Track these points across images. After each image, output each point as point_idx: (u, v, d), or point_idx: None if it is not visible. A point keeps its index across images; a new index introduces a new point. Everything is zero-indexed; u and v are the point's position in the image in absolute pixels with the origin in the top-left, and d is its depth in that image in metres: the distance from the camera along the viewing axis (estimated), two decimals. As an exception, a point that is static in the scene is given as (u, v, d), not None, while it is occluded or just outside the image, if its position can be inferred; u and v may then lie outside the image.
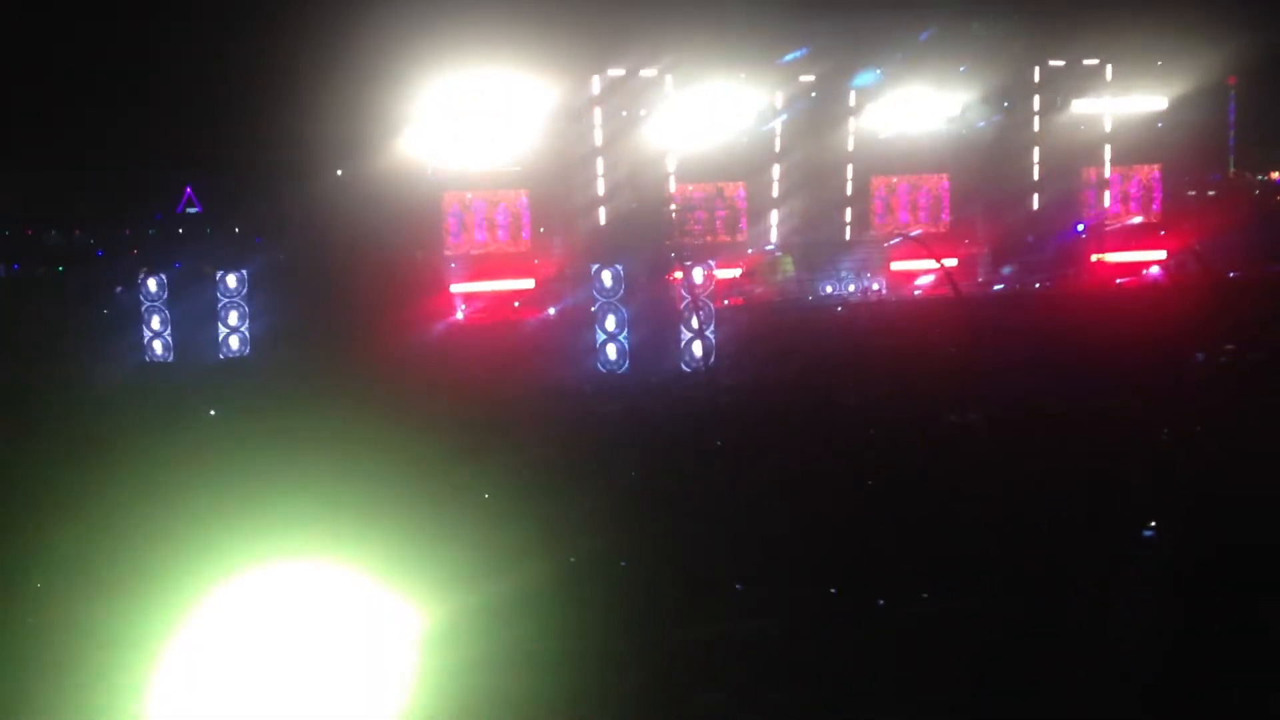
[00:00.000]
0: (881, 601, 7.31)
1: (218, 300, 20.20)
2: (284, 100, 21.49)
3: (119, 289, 21.30)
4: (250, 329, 20.30)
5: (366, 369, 15.84)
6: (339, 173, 24.35)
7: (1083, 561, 7.66)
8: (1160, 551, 8.10)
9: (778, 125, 27.11)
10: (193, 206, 24.73)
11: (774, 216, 27.45)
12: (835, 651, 6.68)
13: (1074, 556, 7.74)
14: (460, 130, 24.90)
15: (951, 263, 25.36)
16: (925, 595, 7.36)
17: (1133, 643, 6.50)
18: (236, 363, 19.92)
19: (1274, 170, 38.03)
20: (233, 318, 20.26)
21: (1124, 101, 28.36)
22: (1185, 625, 6.67)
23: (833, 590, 7.48)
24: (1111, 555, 7.84)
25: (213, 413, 14.53)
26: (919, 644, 6.75)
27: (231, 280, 20.31)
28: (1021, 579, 7.38)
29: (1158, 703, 6.00)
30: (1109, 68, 28.01)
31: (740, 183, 27.36)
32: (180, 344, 20.04)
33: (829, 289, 25.96)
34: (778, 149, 27.29)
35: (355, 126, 22.64)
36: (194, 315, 20.15)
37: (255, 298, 20.38)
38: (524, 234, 25.89)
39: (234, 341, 20.30)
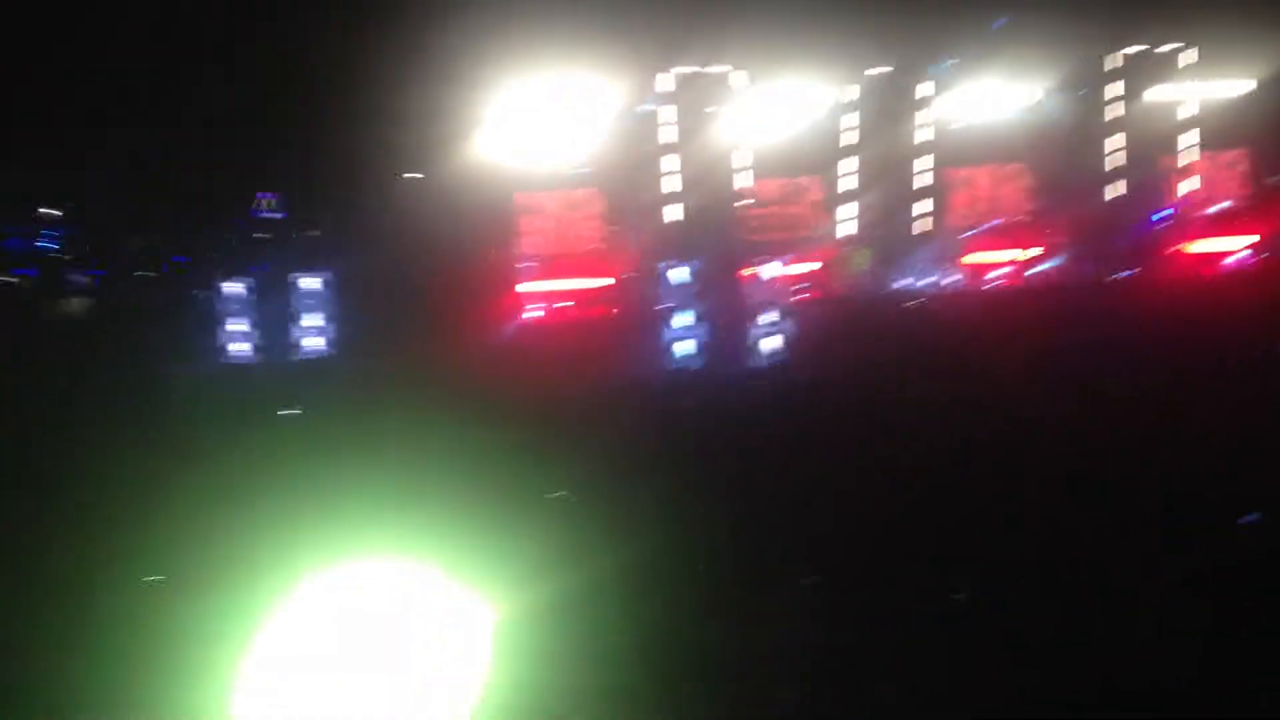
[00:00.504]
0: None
1: (299, 303, 20.57)
2: (359, 105, 21.77)
3: (202, 292, 21.75)
4: (330, 331, 20.65)
5: (443, 369, 16.04)
6: (418, 176, 24.62)
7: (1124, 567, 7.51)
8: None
9: (851, 118, 26.93)
10: (274, 210, 25.14)
11: (848, 210, 27.26)
12: (902, 653, 6.64)
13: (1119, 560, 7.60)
14: (531, 130, 25.08)
15: (1031, 254, 25.02)
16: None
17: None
18: (317, 363, 20.28)
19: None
20: (313, 320, 20.63)
21: (1207, 85, 27.72)
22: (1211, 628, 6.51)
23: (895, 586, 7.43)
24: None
25: (295, 411, 14.81)
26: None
27: (313, 283, 20.67)
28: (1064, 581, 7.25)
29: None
30: (1191, 51, 27.40)
31: (814, 177, 27.21)
32: (264, 346, 20.46)
33: (904, 283, 25.72)
34: (852, 142, 27.10)
35: (428, 129, 22.88)
36: (276, 318, 20.55)
37: (336, 300, 20.73)
38: (597, 232, 26.00)
39: (315, 342, 20.68)
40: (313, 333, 20.69)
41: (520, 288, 24.50)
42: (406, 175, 23.99)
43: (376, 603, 5.77)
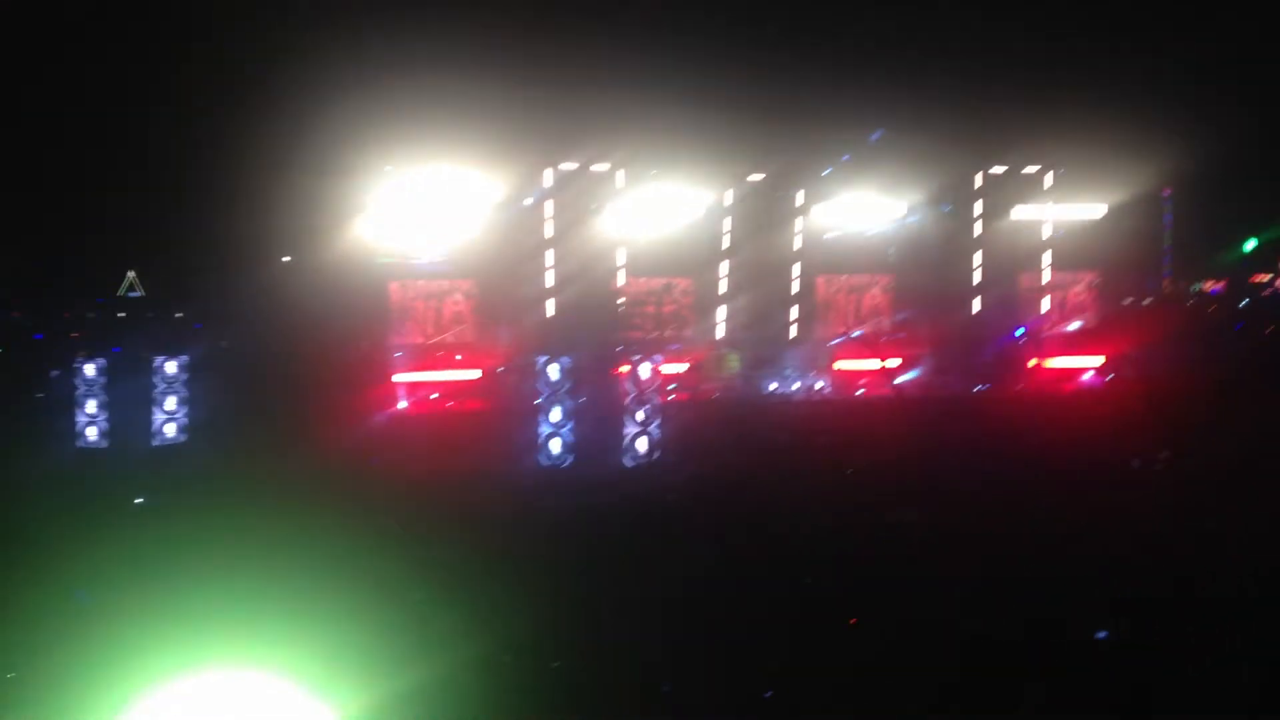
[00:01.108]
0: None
1: (156, 386, 19.91)
2: (231, 187, 21.46)
3: (56, 372, 20.92)
4: (188, 415, 20.00)
5: (305, 459, 15.65)
6: (285, 260, 24.27)
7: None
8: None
9: (727, 223, 27.47)
10: (135, 290, 24.48)
11: (721, 313, 27.68)
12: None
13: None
14: (409, 220, 25.02)
15: (894, 363, 25.62)
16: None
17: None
18: (172, 450, 19.59)
19: (1208, 281, 39.03)
20: (170, 403, 19.96)
21: (1064, 209, 29.02)
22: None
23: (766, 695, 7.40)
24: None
25: (139, 501, 14.23)
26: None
27: (171, 366, 20.05)
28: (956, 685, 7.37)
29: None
30: (1049, 175, 28.71)
31: (688, 278, 27.61)
32: (116, 430, 19.69)
33: (774, 386, 26.07)
34: (726, 246, 27.62)
35: (303, 215, 22.64)
36: (131, 400, 19.83)
37: (194, 384, 20.12)
38: (470, 324, 25.89)
39: (170, 428, 19.98)
40: (170, 418, 19.99)
41: (391, 378, 24.17)
42: (285, 259, 23.66)
43: (228, 708, 5.55)
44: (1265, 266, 41.86)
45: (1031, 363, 27.98)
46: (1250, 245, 36.24)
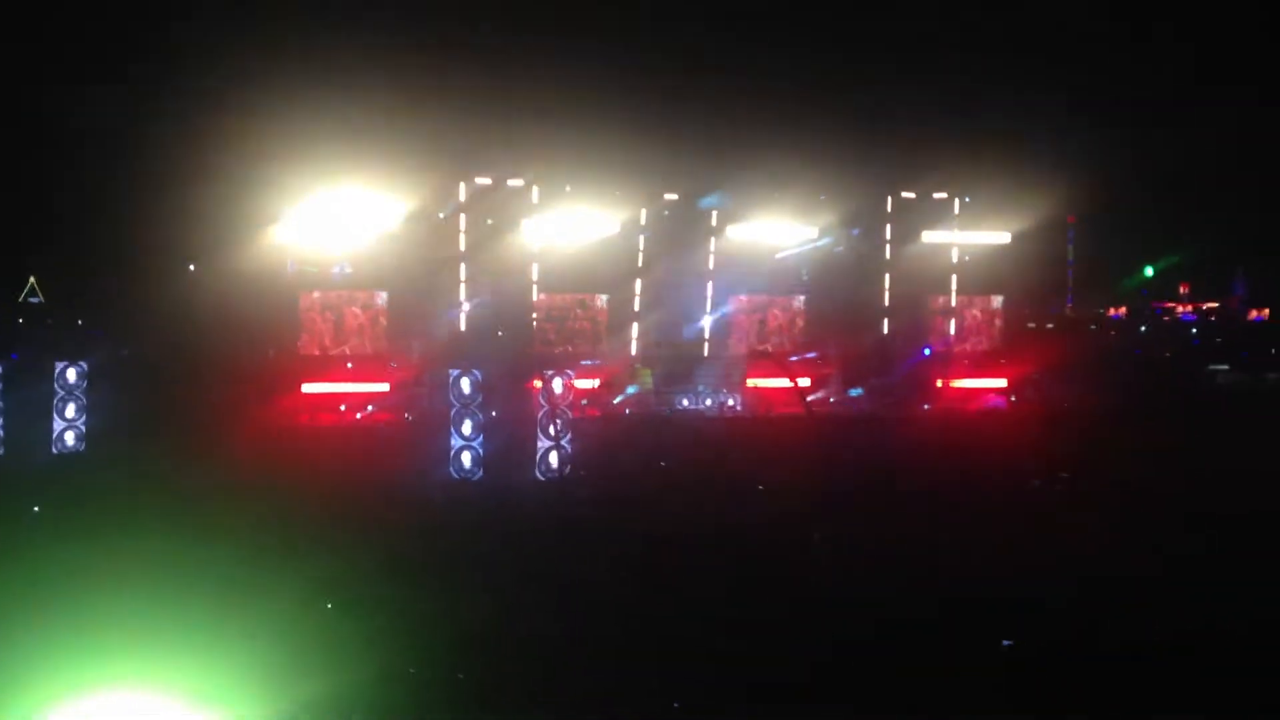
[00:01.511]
0: None
1: (55, 393, 19.36)
2: (138, 194, 21.08)
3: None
4: (87, 423, 19.46)
5: (208, 469, 15.36)
6: (191, 268, 23.86)
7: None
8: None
9: (641, 240, 27.61)
10: (34, 296, 23.87)
11: (634, 329, 27.79)
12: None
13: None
14: (320, 231, 24.76)
15: (804, 382, 25.90)
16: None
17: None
18: (71, 458, 19.05)
19: (1109, 306, 40.14)
20: (69, 411, 19.41)
21: (970, 235, 29.67)
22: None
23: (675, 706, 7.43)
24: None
25: (37, 510, 13.83)
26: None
27: (71, 373, 19.51)
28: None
29: None
30: (957, 202, 29.33)
31: (602, 294, 27.69)
32: (13, 437, 19.09)
33: (685, 402, 26.20)
34: (640, 263, 27.75)
35: (212, 223, 22.30)
36: (30, 408, 19.24)
37: (95, 391, 19.59)
38: (381, 336, 25.66)
39: (69, 437, 19.44)
40: (69, 425, 19.43)
41: (298, 388, 23.83)
42: (190, 267, 23.26)
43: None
44: (1165, 293, 43.26)
45: (938, 383, 28.50)
46: (1149, 272, 37.41)
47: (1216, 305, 44.33)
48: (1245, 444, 18.82)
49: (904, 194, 29.11)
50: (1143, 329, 40.79)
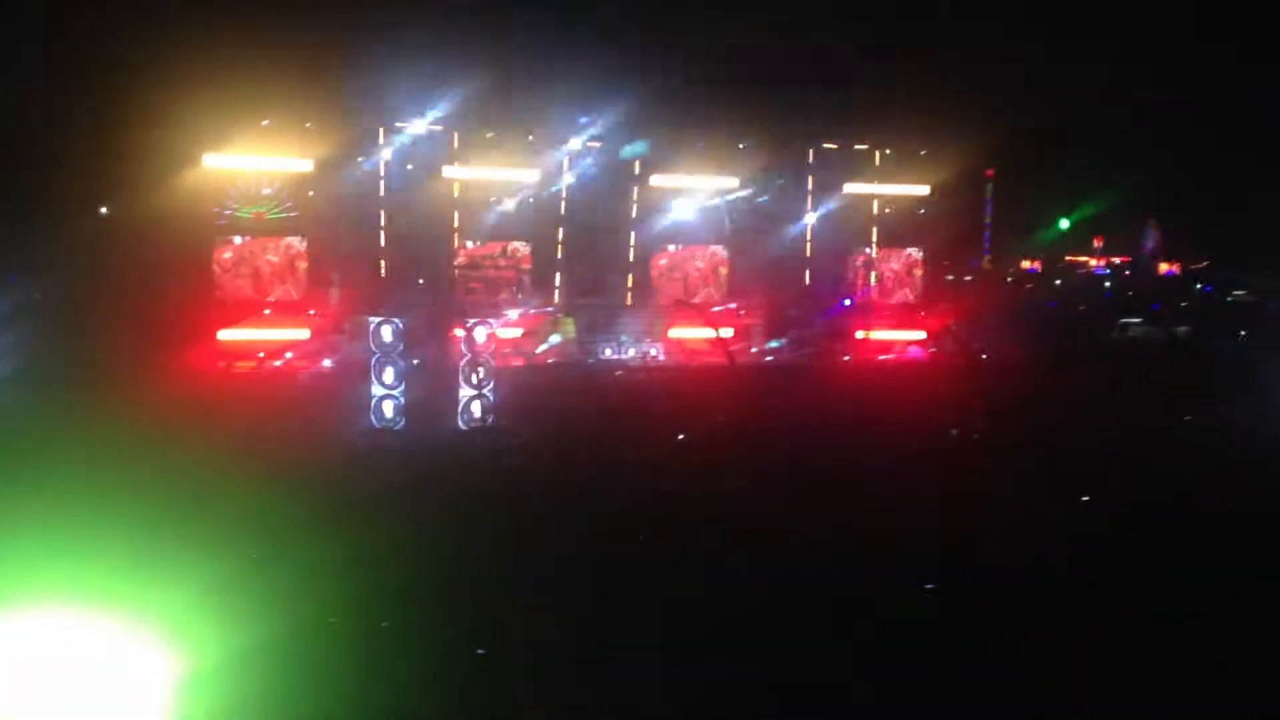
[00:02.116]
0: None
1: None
2: (51, 136, 20.50)
3: None
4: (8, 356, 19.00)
5: (120, 416, 15.11)
6: (103, 211, 23.30)
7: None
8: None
9: (563, 188, 27.48)
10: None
11: (557, 279, 27.72)
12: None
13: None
14: (237, 172, 24.31)
15: (727, 332, 26.10)
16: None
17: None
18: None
19: (1025, 259, 40.83)
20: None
21: (891, 187, 29.96)
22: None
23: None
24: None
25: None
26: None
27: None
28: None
29: None
30: (878, 154, 29.57)
31: (525, 243, 27.54)
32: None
33: (608, 352, 26.27)
34: (563, 212, 27.63)
35: (128, 166, 21.76)
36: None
37: (6, 337, 19.14)
38: (300, 282, 25.33)
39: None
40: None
41: (216, 334, 23.47)
42: (102, 211, 22.71)
43: (46, 657, 5.44)
44: (1079, 247, 44.11)
45: (858, 335, 28.87)
46: (1065, 225, 38.09)
47: (1129, 260, 45.32)
48: (1150, 396, 19.39)
49: (825, 145, 29.27)
50: (1057, 283, 41.62)
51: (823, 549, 9.89)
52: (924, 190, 29.85)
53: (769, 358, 27.48)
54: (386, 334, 16.73)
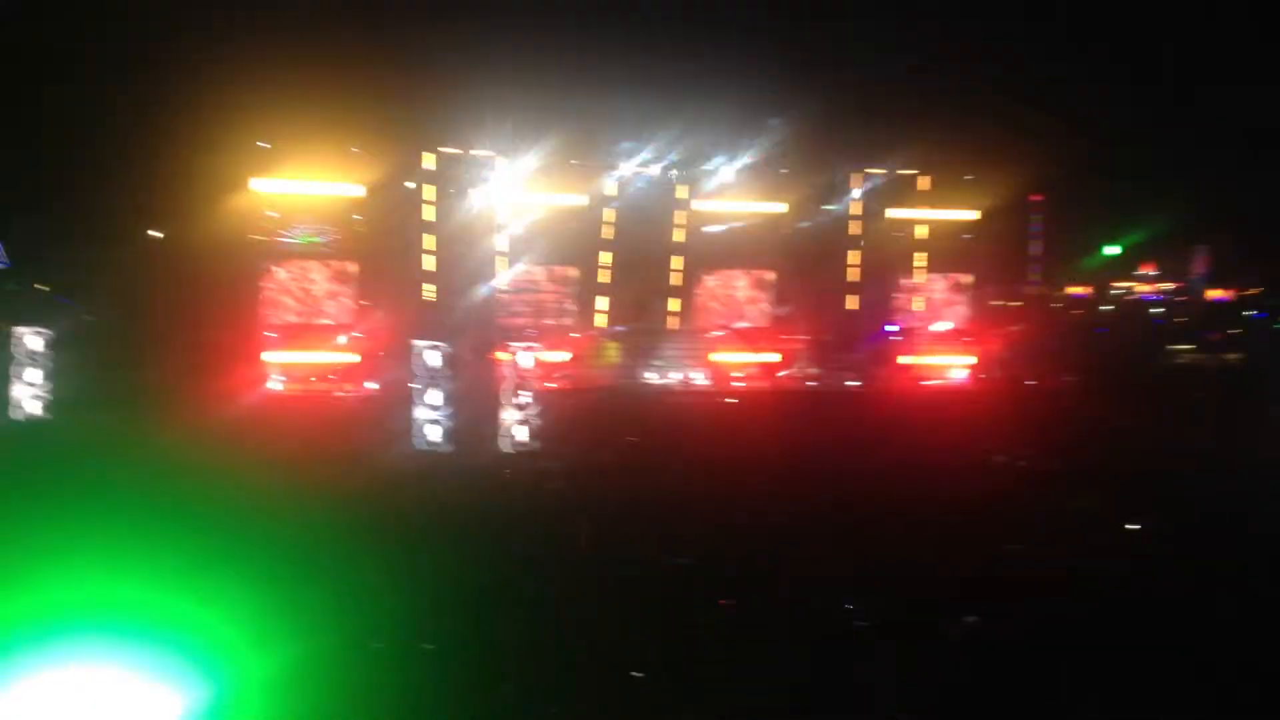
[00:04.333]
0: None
1: (16, 359, 19.17)
2: (101, 159, 20.82)
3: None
4: (51, 390, 19.30)
5: (173, 436, 15.29)
6: (156, 235, 23.63)
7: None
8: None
9: (610, 213, 27.55)
10: (2, 261, 23.60)
11: (602, 302, 27.76)
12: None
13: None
14: (286, 197, 24.59)
15: (771, 357, 26.02)
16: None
17: None
18: (33, 425, 18.91)
19: (1073, 285, 40.36)
20: (32, 377, 19.24)
21: (940, 212, 29.78)
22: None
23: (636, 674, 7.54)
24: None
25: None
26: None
27: (33, 340, 19.33)
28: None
29: None
30: (926, 179, 29.42)
31: (571, 267, 27.61)
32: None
33: (652, 376, 26.27)
34: (609, 236, 27.69)
35: (181, 192, 22.08)
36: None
37: (58, 358, 19.43)
38: (348, 306, 25.53)
39: (32, 403, 19.27)
40: (32, 392, 19.23)
41: (265, 356, 23.70)
42: (154, 234, 23.02)
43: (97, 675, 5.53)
44: (1128, 273, 43.52)
45: (903, 359, 28.67)
46: (1114, 251, 37.64)
47: (1179, 285, 44.63)
48: (1198, 426, 19.11)
49: (871, 170, 29.17)
50: (1107, 309, 41.07)
51: (867, 582, 9.84)
52: (973, 215, 29.63)
53: (812, 383, 27.35)
54: (433, 358, 16.85)
